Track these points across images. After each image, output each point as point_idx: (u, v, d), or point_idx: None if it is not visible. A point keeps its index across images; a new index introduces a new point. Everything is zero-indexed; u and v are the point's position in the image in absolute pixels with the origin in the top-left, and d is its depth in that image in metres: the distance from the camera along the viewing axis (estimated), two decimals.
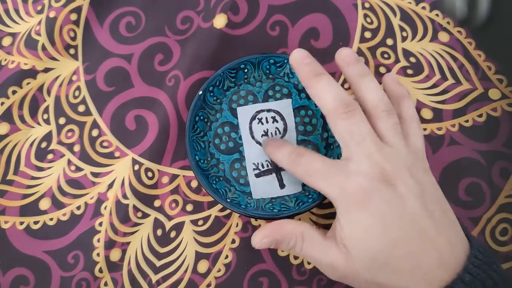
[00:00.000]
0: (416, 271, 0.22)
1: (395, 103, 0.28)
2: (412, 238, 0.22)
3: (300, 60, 0.26)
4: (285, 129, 0.30)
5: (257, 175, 0.29)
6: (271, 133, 0.30)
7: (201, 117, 0.30)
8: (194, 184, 0.31)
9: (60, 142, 0.32)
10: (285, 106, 0.30)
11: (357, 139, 0.24)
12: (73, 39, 0.34)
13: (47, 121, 0.33)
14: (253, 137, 0.30)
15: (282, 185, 0.29)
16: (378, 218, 0.23)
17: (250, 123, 0.30)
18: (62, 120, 0.33)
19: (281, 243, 0.25)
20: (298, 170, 0.25)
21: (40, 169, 0.32)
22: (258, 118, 0.30)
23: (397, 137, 0.25)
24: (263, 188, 0.29)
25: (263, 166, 0.29)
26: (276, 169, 0.29)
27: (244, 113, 0.30)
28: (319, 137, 0.30)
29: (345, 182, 0.23)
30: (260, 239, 0.25)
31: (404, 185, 0.23)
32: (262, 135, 0.30)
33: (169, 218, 0.30)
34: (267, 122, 0.30)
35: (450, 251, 0.22)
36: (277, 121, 0.30)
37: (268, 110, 0.30)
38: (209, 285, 0.29)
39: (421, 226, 0.23)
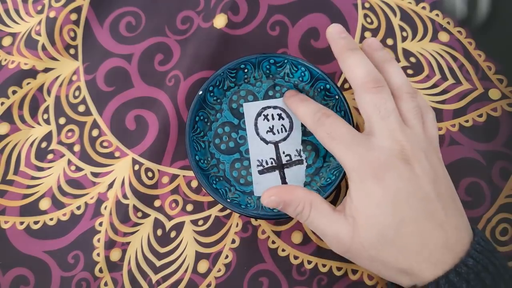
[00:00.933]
0: (422, 251, 0.22)
1: None
2: (421, 218, 0.23)
3: (336, 34, 0.27)
4: (290, 127, 0.30)
5: (261, 172, 0.29)
6: (277, 129, 0.30)
7: (201, 117, 0.30)
8: (194, 184, 0.31)
9: (60, 142, 0.32)
10: None
11: (383, 114, 0.24)
12: (73, 39, 0.34)
13: (47, 121, 0.33)
14: (258, 134, 0.30)
15: (284, 183, 0.29)
16: (391, 194, 0.23)
17: (256, 119, 0.30)
18: (62, 120, 0.33)
19: (288, 206, 0.25)
20: (320, 130, 0.26)
21: (40, 169, 0.32)
22: (264, 115, 0.30)
23: (416, 120, 0.25)
24: (266, 185, 0.29)
25: (267, 163, 0.29)
26: (279, 166, 0.29)
27: (250, 109, 0.30)
28: None
29: (365, 153, 0.24)
30: (269, 195, 0.25)
31: (420, 166, 0.23)
32: (267, 132, 0.30)
33: (169, 218, 0.30)
34: (273, 118, 0.30)
35: (456, 236, 0.23)
36: (283, 118, 0.30)
37: (274, 107, 0.30)
38: (209, 285, 0.29)
39: (432, 208, 0.23)
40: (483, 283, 0.21)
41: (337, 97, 0.29)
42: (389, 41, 0.34)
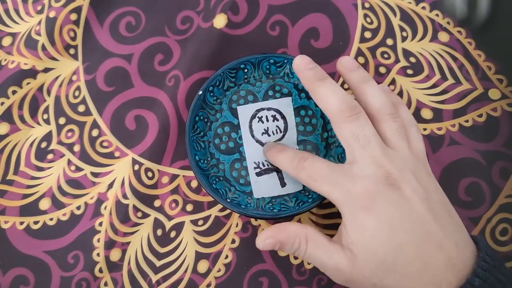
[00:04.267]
0: (424, 274, 0.22)
1: None
2: (418, 240, 0.22)
3: (303, 66, 0.26)
4: (285, 128, 0.30)
5: (258, 174, 0.29)
6: (272, 131, 0.30)
7: (201, 117, 0.30)
8: (194, 184, 0.31)
9: (60, 142, 0.32)
10: (285, 105, 0.30)
11: (362, 142, 0.24)
12: (73, 39, 0.34)
13: (47, 121, 0.33)
14: (253, 136, 0.30)
15: (283, 184, 0.29)
16: (384, 222, 0.22)
17: (250, 122, 0.30)
18: (62, 120, 0.33)
19: (285, 245, 0.24)
20: (301, 175, 0.25)
21: (40, 169, 0.32)
22: (258, 117, 0.30)
23: (401, 140, 0.25)
24: (265, 187, 0.29)
25: (263, 165, 0.29)
26: (277, 168, 0.29)
27: (244, 112, 0.30)
28: (319, 137, 0.30)
29: (350, 186, 0.23)
30: (264, 239, 0.25)
31: (409, 188, 0.23)
32: (263, 134, 0.30)
33: (169, 218, 0.30)
34: (267, 120, 0.30)
35: (457, 254, 0.22)
36: (277, 120, 0.30)
37: (269, 109, 0.30)
38: (209, 285, 0.29)
39: (428, 229, 0.22)
40: None
41: None
42: (389, 41, 0.34)
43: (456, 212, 0.25)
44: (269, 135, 0.30)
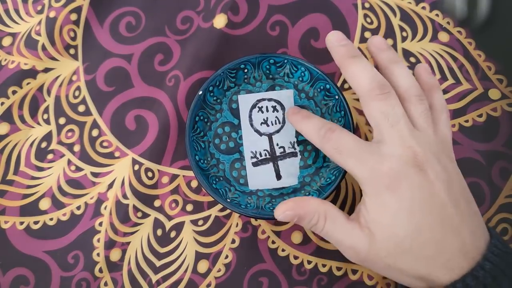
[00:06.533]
0: (438, 258, 0.22)
1: (426, 93, 0.27)
2: (437, 224, 0.22)
3: (336, 42, 0.26)
4: (284, 119, 0.30)
5: (254, 164, 0.29)
6: (271, 121, 0.30)
7: (201, 117, 0.30)
8: (194, 184, 0.31)
9: (60, 142, 0.32)
10: (286, 97, 0.30)
11: (392, 121, 0.24)
12: (73, 39, 0.34)
13: (47, 121, 0.33)
14: (252, 125, 0.30)
15: (278, 176, 0.29)
16: (407, 203, 0.22)
17: (250, 111, 0.30)
18: (62, 120, 0.33)
19: (303, 219, 0.24)
20: (327, 146, 0.25)
21: (40, 169, 0.32)
22: (258, 107, 0.30)
23: (427, 123, 0.25)
24: (260, 178, 0.29)
25: (260, 155, 0.29)
26: (273, 158, 0.29)
27: (245, 101, 0.30)
28: None
29: (377, 164, 0.23)
30: (283, 210, 0.24)
31: (433, 171, 0.23)
32: (261, 124, 0.30)
33: (169, 218, 0.30)
34: (267, 110, 0.30)
35: (472, 240, 0.22)
36: (277, 111, 0.30)
37: (269, 99, 0.30)
38: (209, 285, 0.29)
39: (447, 214, 0.23)
40: (500, 286, 0.21)
41: (337, 97, 0.29)
42: (389, 41, 0.34)
43: (474, 201, 0.25)
44: (268, 125, 0.30)
